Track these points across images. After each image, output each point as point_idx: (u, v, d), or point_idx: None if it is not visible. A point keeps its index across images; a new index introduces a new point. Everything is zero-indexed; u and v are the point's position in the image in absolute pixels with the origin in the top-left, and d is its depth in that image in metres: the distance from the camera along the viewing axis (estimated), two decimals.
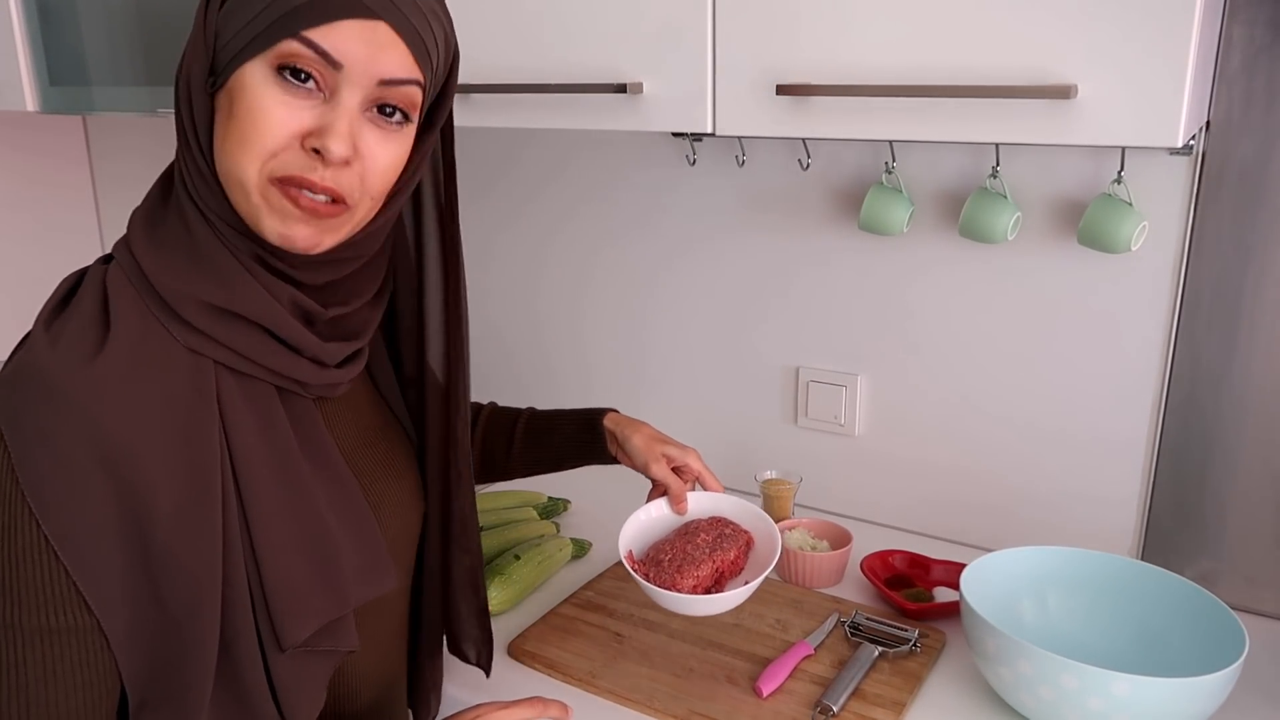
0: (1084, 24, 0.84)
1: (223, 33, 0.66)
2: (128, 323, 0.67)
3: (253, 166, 0.66)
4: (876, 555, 1.26)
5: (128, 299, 0.68)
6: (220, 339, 0.69)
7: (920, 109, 0.93)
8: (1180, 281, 1.15)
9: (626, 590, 1.22)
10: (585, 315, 1.63)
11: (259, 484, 0.71)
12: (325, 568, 0.74)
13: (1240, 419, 1.14)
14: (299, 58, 0.64)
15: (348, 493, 0.78)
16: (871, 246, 1.34)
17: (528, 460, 1.10)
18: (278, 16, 0.64)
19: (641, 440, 1.03)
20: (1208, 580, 1.18)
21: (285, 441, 0.73)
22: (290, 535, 0.72)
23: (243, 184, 0.67)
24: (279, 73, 0.65)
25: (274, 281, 0.70)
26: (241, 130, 0.65)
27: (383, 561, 0.79)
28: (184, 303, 0.68)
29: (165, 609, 0.67)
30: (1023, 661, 0.90)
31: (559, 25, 1.10)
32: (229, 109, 0.66)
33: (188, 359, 0.68)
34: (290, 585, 0.71)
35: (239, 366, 0.70)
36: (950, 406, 1.34)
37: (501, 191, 1.65)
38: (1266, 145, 1.06)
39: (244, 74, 0.65)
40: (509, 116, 1.16)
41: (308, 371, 0.74)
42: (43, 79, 1.56)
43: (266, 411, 0.72)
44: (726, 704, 1.00)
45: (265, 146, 0.66)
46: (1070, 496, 1.28)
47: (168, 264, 0.69)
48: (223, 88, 0.67)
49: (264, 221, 0.68)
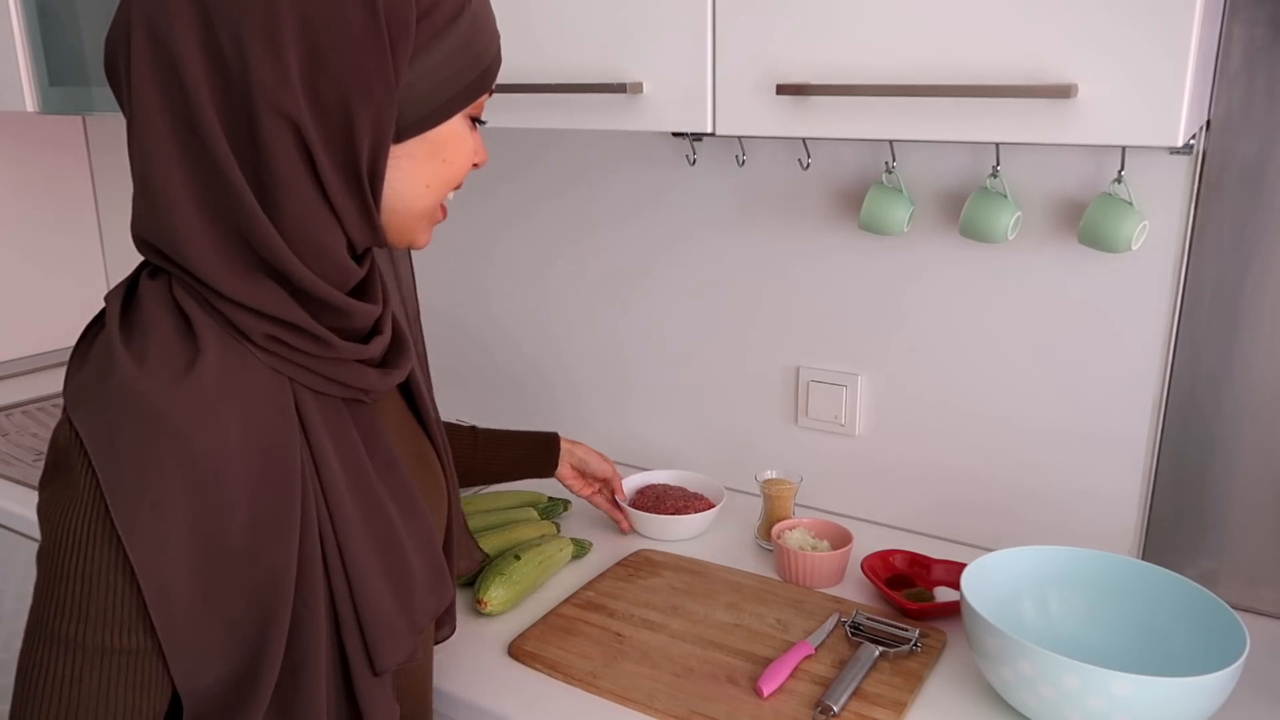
0: (1084, 23, 0.84)
1: (415, 86, 0.67)
2: (212, 340, 0.66)
3: (444, 197, 0.75)
4: (877, 555, 1.26)
5: (203, 318, 0.67)
6: (295, 359, 0.70)
7: (920, 109, 0.93)
8: (1180, 281, 1.15)
9: (627, 590, 1.22)
10: (585, 314, 1.63)
11: (343, 504, 0.71)
12: (405, 590, 0.76)
13: (1240, 418, 1.14)
14: (480, 104, 0.74)
15: (413, 502, 0.79)
16: (872, 246, 1.34)
17: (485, 471, 1.25)
18: (481, 72, 0.71)
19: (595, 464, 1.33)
20: (1208, 579, 1.18)
21: (359, 456, 0.74)
22: (376, 558, 0.73)
23: (429, 214, 0.74)
24: (471, 119, 0.74)
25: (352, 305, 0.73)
26: (453, 172, 0.73)
27: (443, 573, 0.81)
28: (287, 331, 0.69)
29: (234, 630, 0.67)
30: (1023, 661, 0.90)
31: (559, 25, 1.10)
32: (433, 155, 0.71)
33: (269, 377, 0.68)
34: (381, 610, 0.73)
35: (313, 385, 0.71)
36: (951, 406, 1.34)
37: (501, 191, 1.65)
38: (1267, 145, 1.06)
39: (454, 124, 0.71)
40: (509, 116, 1.16)
41: (375, 379, 0.75)
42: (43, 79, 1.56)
43: (340, 427, 0.73)
44: (727, 704, 1.00)
45: (461, 179, 0.75)
46: (1071, 496, 1.28)
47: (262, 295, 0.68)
48: (416, 137, 0.69)
49: (421, 236, 0.76)
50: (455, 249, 1.74)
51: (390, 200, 0.70)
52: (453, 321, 1.77)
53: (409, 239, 0.75)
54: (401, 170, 0.70)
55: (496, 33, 0.73)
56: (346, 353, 0.72)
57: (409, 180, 0.70)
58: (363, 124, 0.65)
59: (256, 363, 0.68)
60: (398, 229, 0.73)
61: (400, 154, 0.69)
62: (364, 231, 0.70)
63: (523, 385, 1.73)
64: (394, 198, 0.70)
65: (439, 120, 0.69)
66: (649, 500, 1.40)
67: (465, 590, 1.23)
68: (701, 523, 1.37)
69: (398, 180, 0.70)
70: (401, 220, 0.72)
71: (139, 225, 0.68)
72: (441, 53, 0.67)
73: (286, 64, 0.62)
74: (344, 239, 0.69)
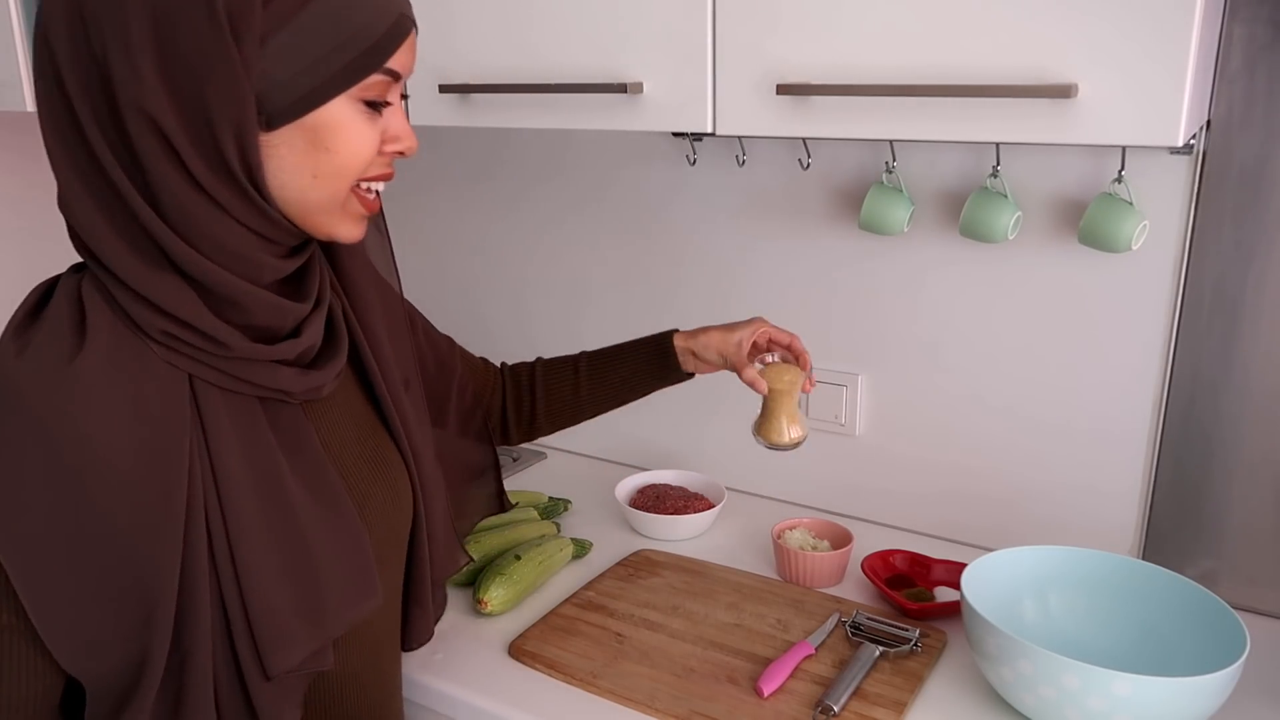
0: (1084, 23, 0.84)
1: (276, 71, 0.65)
2: (102, 333, 0.66)
3: (347, 188, 0.71)
4: (877, 555, 1.25)
5: (103, 312, 0.67)
6: (197, 357, 0.69)
7: (920, 109, 0.93)
8: (1180, 281, 1.15)
9: (627, 590, 1.22)
10: (585, 314, 1.63)
11: (241, 503, 0.70)
12: (310, 594, 0.73)
13: (1241, 418, 1.14)
14: (382, 86, 0.70)
15: (336, 504, 0.77)
16: (872, 246, 1.34)
17: (597, 397, 1.15)
18: (361, 50, 0.67)
19: (717, 344, 1.11)
20: (1209, 579, 1.18)
21: (270, 455, 0.73)
22: (275, 559, 0.72)
23: (334, 205, 0.71)
24: (364, 102, 0.69)
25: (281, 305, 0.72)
26: (342, 161, 0.70)
27: (368, 579, 0.79)
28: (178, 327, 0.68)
29: (119, 619, 0.66)
30: (1024, 661, 0.90)
31: (559, 25, 1.10)
32: (313, 143, 0.68)
33: (164, 371, 0.68)
34: (275, 613, 0.71)
35: (219, 382, 0.70)
36: (951, 406, 1.34)
37: (501, 191, 1.65)
38: (1267, 145, 1.06)
39: (331, 109, 0.68)
40: (509, 116, 1.16)
41: (291, 379, 0.74)
42: None
43: (250, 425, 0.72)
44: (727, 704, 1.00)
45: (362, 169, 0.71)
46: (1071, 496, 1.28)
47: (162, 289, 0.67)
48: (289, 125, 0.67)
49: (342, 230, 0.73)
50: (454, 249, 1.74)
51: (278, 191, 0.69)
52: (450, 321, 1.77)
53: (326, 230, 0.73)
54: (282, 160, 0.68)
55: (388, 7, 0.69)
56: (247, 353, 0.70)
57: (292, 170, 0.68)
58: (219, 114, 0.64)
59: (153, 358, 0.68)
60: (302, 220, 0.71)
61: (276, 142, 0.67)
62: (259, 222, 0.68)
63: None
64: (281, 188, 0.69)
65: (311, 106, 0.67)
66: (649, 500, 1.40)
67: (466, 590, 1.23)
68: (701, 523, 1.37)
69: (280, 170, 0.68)
70: (300, 212, 0.70)
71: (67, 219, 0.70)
72: (299, 35, 0.65)
73: (140, 61, 0.62)
74: (243, 229, 0.68)
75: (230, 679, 0.72)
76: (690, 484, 1.46)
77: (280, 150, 0.67)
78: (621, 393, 1.16)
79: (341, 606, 0.76)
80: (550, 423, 1.17)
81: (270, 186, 0.68)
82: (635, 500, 1.41)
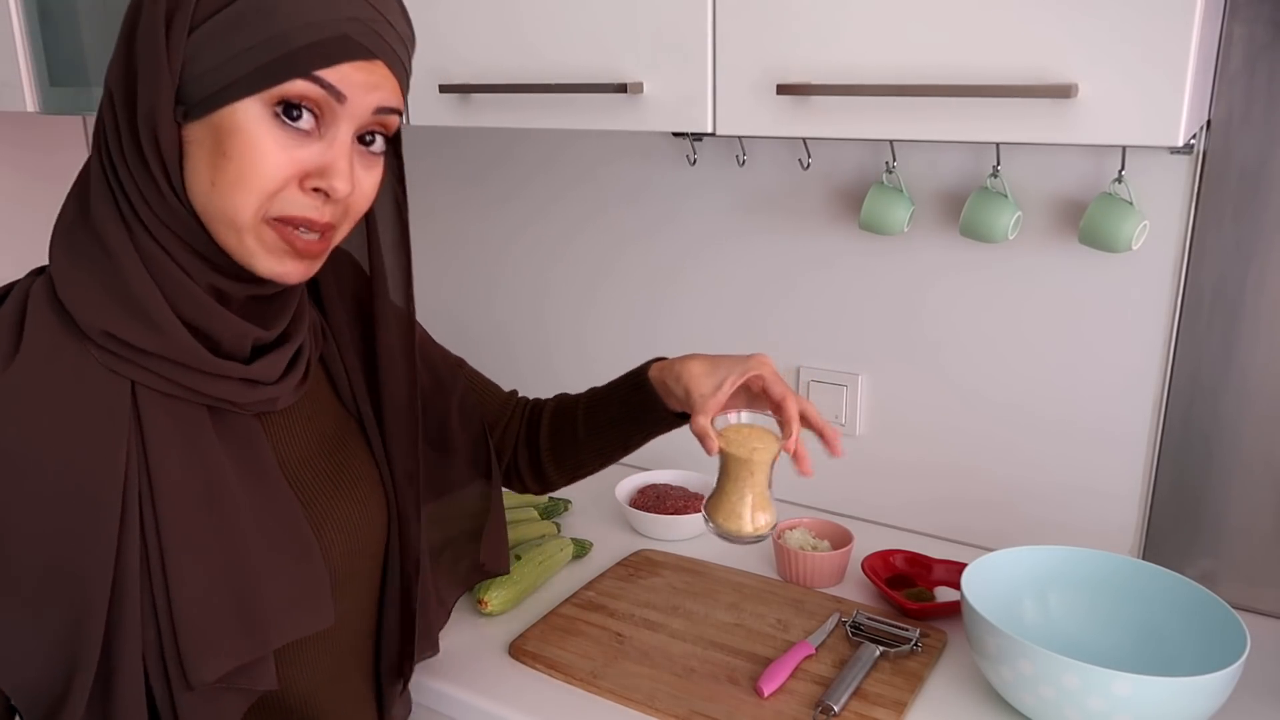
0: (1084, 23, 0.84)
1: (196, 62, 0.63)
2: (39, 338, 0.65)
3: (249, 208, 0.65)
4: (877, 555, 1.26)
5: (44, 316, 0.66)
6: (137, 361, 0.67)
7: (920, 109, 0.93)
8: (1180, 281, 1.15)
9: (628, 590, 1.22)
10: (585, 314, 1.63)
11: (175, 511, 0.68)
12: (244, 603, 0.70)
13: (1241, 418, 1.14)
14: (305, 96, 0.64)
15: (286, 517, 0.74)
16: (872, 246, 1.34)
17: (594, 446, 1.00)
18: (278, 55, 0.63)
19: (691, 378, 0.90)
20: (1209, 579, 1.18)
21: (214, 464, 0.70)
22: (207, 567, 0.69)
23: (235, 224, 0.66)
24: (276, 112, 0.64)
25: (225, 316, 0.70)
26: (238, 171, 0.64)
27: (319, 594, 0.75)
28: (99, 336, 0.67)
29: (45, 632, 0.65)
30: (1024, 661, 0.90)
31: (559, 25, 1.10)
32: (215, 146, 0.64)
33: (102, 378, 0.67)
34: (201, 621, 0.68)
35: (160, 388, 0.68)
36: (951, 406, 1.34)
37: (501, 191, 1.65)
38: (1267, 145, 1.06)
39: (236, 112, 0.64)
40: (509, 116, 1.16)
41: (236, 390, 0.72)
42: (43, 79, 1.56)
43: (194, 434, 0.70)
44: (727, 704, 1.00)
45: (265, 189, 0.65)
46: (1071, 496, 1.28)
47: (85, 295, 0.66)
48: (199, 120, 0.64)
49: (257, 260, 0.68)
50: (453, 249, 1.74)
51: (190, 194, 0.66)
52: (450, 321, 1.77)
53: (242, 257, 0.68)
54: (192, 159, 0.65)
55: (333, 25, 0.64)
56: (185, 359, 0.68)
57: (197, 173, 0.65)
58: (143, 97, 0.64)
59: (92, 364, 0.66)
60: (215, 236, 0.67)
61: (190, 138, 0.65)
62: (177, 222, 0.66)
63: (521, 385, 1.73)
64: (189, 190, 0.66)
65: (219, 104, 0.63)
66: (649, 500, 1.40)
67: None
68: (701, 523, 1.37)
69: (190, 171, 0.66)
70: (210, 226, 0.67)
71: None
72: (224, 28, 0.63)
73: (118, 37, 0.66)
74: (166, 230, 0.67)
75: (163, 692, 0.69)
76: (690, 484, 1.46)
77: (193, 148, 0.65)
78: (616, 436, 0.99)
79: (280, 620, 0.72)
80: (557, 467, 1.04)
81: (186, 187, 0.66)
82: (635, 500, 1.41)
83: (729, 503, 0.89)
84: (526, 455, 1.05)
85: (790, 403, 0.88)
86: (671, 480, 1.47)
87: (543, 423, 1.04)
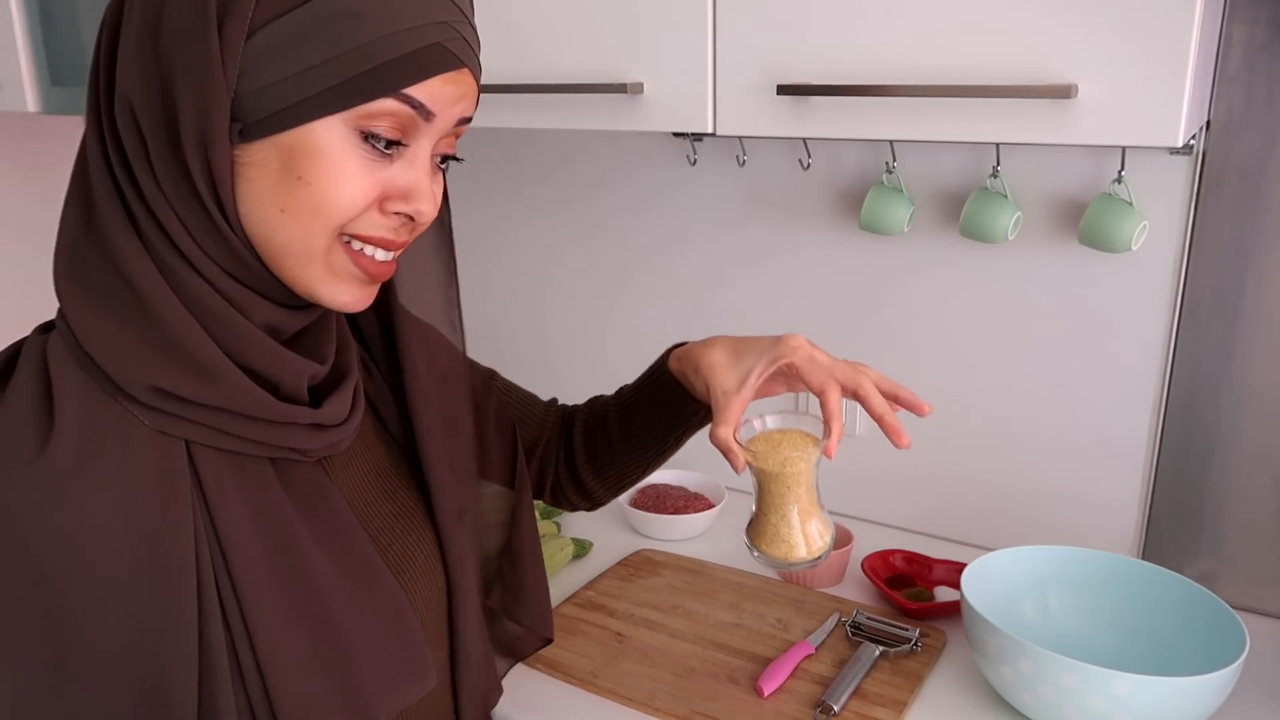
0: (1084, 23, 0.84)
1: (258, 72, 0.54)
2: (73, 409, 0.56)
3: (326, 235, 0.58)
4: (877, 555, 1.26)
5: (71, 377, 0.57)
6: (191, 417, 0.58)
7: (920, 109, 0.93)
8: (1180, 281, 1.15)
9: (628, 590, 1.22)
10: (585, 314, 1.63)
11: (256, 585, 0.59)
12: (345, 682, 0.62)
13: (1240, 418, 1.14)
14: (392, 115, 0.56)
15: (369, 573, 0.66)
16: (872, 246, 1.34)
17: (633, 454, 0.91)
18: (366, 69, 0.55)
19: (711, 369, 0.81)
20: (1208, 579, 1.18)
21: (286, 524, 0.62)
22: (301, 646, 0.61)
23: (307, 252, 0.58)
24: (360, 131, 0.57)
25: (284, 354, 0.61)
26: (318, 197, 0.56)
27: (415, 657, 0.67)
28: (143, 393, 0.57)
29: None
30: (1024, 661, 0.90)
31: (560, 25, 1.10)
32: (286, 169, 0.56)
33: (152, 441, 0.58)
34: (300, 706, 0.60)
35: (219, 445, 0.59)
36: (951, 406, 1.34)
37: (501, 191, 1.65)
38: (1267, 145, 1.06)
39: (314, 132, 0.55)
40: (510, 116, 1.16)
41: (304, 437, 0.63)
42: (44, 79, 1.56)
43: (260, 491, 0.61)
44: (727, 704, 1.00)
45: (346, 216, 0.58)
46: (1070, 495, 1.28)
47: (119, 346, 0.57)
48: (261, 140, 0.56)
49: (321, 288, 0.60)
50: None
51: (247, 220, 0.57)
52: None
53: (306, 287, 0.60)
54: (251, 182, 0.56)
55: (425, 30, 0.56)
56: (247, 409, 0.59)
57: (260, 198, 0.56)
58: (185, 104, 0.53)
59: (138, 426, 0.57)
60: (274, 265, 0.59)
61: (247, 160, 0.56)
62: (219, 251, 0.57)
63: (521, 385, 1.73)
64: (249, 216, 0.57)
65: (293, 122, 0.55)
66: (649, 500, 1.40)
67: None
68: (701, 523, 1.37)
69: (249, 195, 0.56)
70: (270, 253, 0.58)
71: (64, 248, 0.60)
72: (293, 33, 0.54)
73: (130, 35, 0.55)
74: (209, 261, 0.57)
75: None
76: (690, 484, 1.46)
77: (251, 170, 0.56)
78: (652, 439, 0.90)
79: (385, 692, 0.64)
80: (599, 480, 0.94)
81: (241, 213, 0.57)
82: (635, 500, 1.42)
83: (770, 526, 0.76)
84: (567, 471, 0.96)
85: (832, 394, 0.75)
86: (671, 480, 1.47)
87: (575, 433, 0.95)
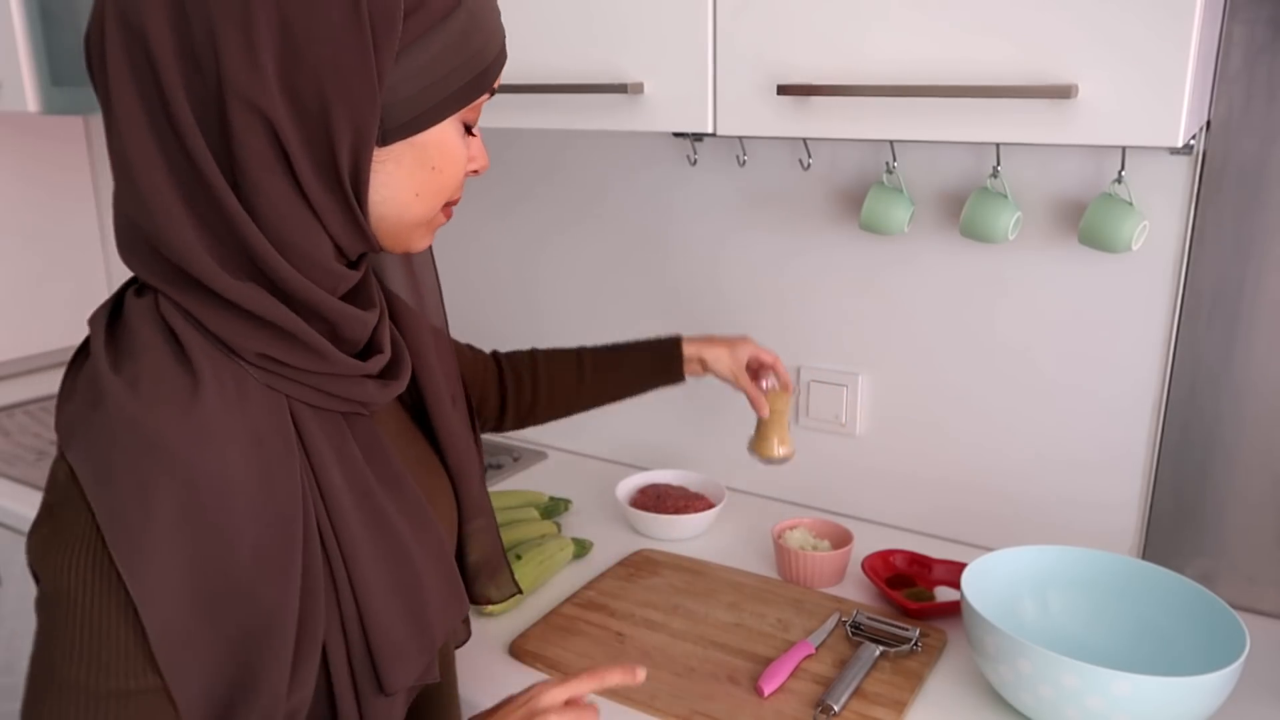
0: (1084, 23, 0.85)
1: (401, 87, 0.63)
2: (207, 364, 0.63)
3: (440, 206, 0.71)
4: (877, 555, 1.26)
5: (197, 339, 0.64)
6: (293, 376, 0.67)
7: (920, 109, 0.93)
8: (1180, 281, 1.15)
9: (628, 590, 1.22)
10: (585, 314, 1.63)
11: (349, 523, 0.69)
12: (417, 609, 0.74)
13: (1241, 418, 1.14)
14: (478, 109, 0.70)
15: (423, 513, 0.76)
16: (872, 246, 1.34)
17: (596, 393, 1.21)
18: (477, 73, 0.67)
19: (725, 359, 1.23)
20: (1208, 579, 1.18)
21: (362, 471, 0.72)
22: (387, 576, 0.71)
23: (428, 224, 0.71)
24: (465, 124, 0.70)
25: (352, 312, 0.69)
26: (444, 180, 0.69)
27: (457, 584, 0.80)
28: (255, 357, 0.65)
29: (226, 662, 0.64)
30: (1023, 660, 0.90)
31: (560, 25, 1.10)
32: (419, 161, 0.67)
33: (264, 396, 0.66)
34: (390, 631, 0.71)
35: (311, 400, 0.68)
36: (951, 406, 1.34)
37: (501, 191, 1.65)
38: (1267, 145, 1.06)
39: (446, 129, 0.67)
40: (510, 116, 1.16)
41: (374, 391, 0.72)
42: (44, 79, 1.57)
43: (340, 441, 0.71)
44: (728, 703, 1.00)
45: (456, 188, 0.72)
46: (1070, 495, 1.28)
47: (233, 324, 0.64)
48: (403, 141, 0.65)
49: (418, 244, 0.73)
50: (453, 249, 1.74)
51: (378, 207, 0.67)
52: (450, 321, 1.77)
53: (404, 245, 0.71)
54: (388, 176, 0.66)
55: (499, 31, 0.69)
56: (343, 367, 0.68)
57: (396, 187, 0.67)
58: (341, 124, 0.61)
59: (253, 383, 0.65)
60: (389, 236, 0.69)
61: (386, 158, 0.65)
62: (352, 237, 0.67)
63: None
64: (381, 204, 0.67)
65: (427, 124, 0.66)
66: (649, 500, 1.40)
67: None
68: (701, 523, 1.37)
69: (384, 186, 0.66)
70: (392, 228, 0.69)
71: (124, 234, 0.65)
72: (431, 51, 0.63)
73: (260, 56, 0.59)
74: (329, 243, 0.66)
75: (350, 700, 0.71)
76: (690, 484, 1.46)
77: (387, 166, 0.66)
78: (619, 390, 1.22)
79: (440, 616, 0.76)
80: (547, 412, 1.21)
81: (371, 202, 0.66)
82: (635, 500, 1.42)
83: (768, 441, 1.27)
84: (516, 401, 1.19)
85: (781, 365, 1.25)
86: (671, 480, 1.47)
87: (539, 372, 1.19)
